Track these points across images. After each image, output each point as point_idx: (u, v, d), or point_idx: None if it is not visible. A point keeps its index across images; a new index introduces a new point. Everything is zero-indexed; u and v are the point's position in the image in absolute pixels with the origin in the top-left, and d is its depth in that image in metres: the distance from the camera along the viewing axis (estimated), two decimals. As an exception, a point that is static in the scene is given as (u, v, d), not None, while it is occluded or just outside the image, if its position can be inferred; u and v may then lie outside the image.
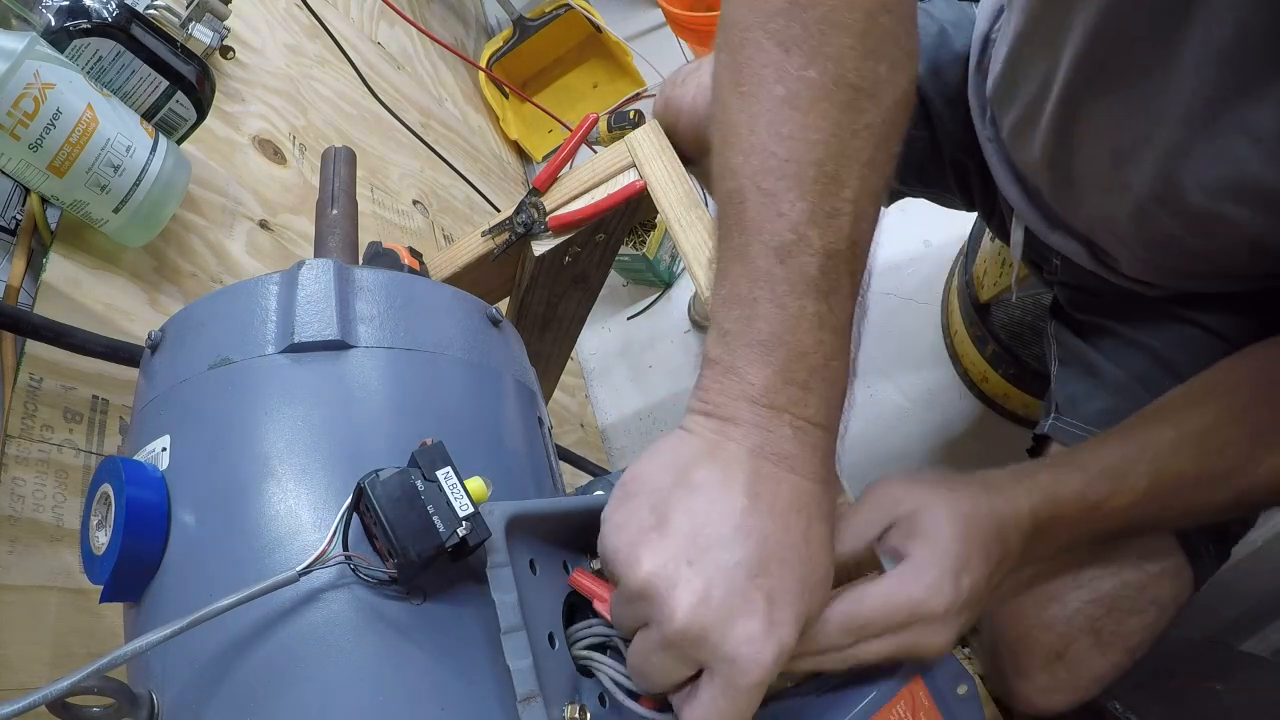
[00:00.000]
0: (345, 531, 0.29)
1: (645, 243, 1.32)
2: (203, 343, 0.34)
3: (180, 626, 0.26)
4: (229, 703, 0.27)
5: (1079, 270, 0.59)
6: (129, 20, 0.57)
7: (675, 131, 0.75)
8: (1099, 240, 0.54)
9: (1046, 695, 0.50)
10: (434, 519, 0.28)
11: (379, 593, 0.29)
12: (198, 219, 0.68)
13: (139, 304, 0.59)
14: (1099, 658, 0.49)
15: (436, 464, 0.29)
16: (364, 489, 0.28)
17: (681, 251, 0.61)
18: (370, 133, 1.05)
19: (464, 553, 0.29)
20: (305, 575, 0.27)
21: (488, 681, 0.29)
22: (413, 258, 0.52)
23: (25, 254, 0.52)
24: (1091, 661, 0.49)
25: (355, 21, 1.18)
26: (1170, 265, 0.51)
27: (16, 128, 0.48)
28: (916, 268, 1.22)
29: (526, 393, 0.42)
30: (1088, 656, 0.49)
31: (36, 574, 0.44)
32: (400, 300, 0.37)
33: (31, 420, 0.48)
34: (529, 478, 0.38)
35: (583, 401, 1.36)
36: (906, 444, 1.12)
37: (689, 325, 1.37)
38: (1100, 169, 0.47)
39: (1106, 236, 0.53)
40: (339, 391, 0.33)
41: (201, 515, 0.30)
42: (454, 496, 0.29)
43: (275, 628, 0.28)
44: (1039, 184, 0.55)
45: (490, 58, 1.62)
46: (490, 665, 0.30)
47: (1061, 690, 0.49)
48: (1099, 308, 0.60)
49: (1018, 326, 0.98)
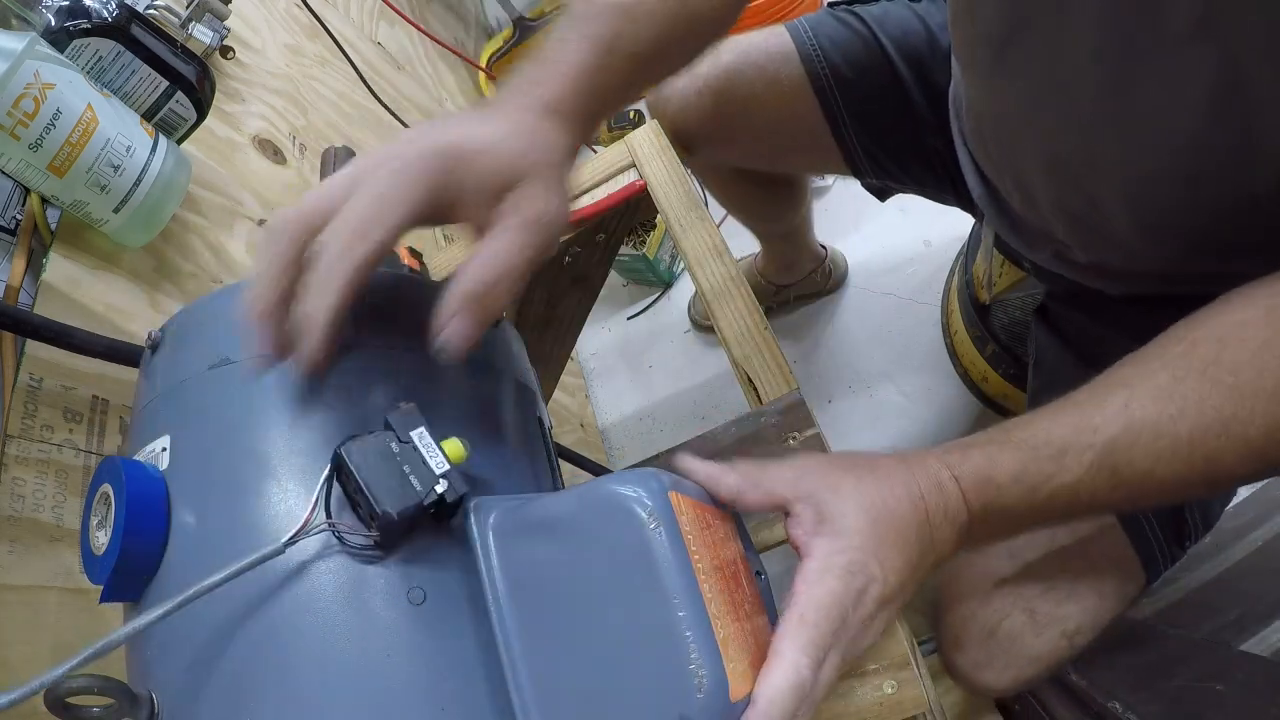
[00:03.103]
0: (327, 500, 0.29)
1: (645, 243, 1.32)
2: (203, 343, 0.34)
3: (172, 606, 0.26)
4: (225, 695, 0.27)
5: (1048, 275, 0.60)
6: (129, 20, 0.57)
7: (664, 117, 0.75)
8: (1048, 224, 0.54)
9: (980, 671, 0.50)
10: (410, 478, 0.29)
11: (364, 559, 0.29)
12: (198, 219, 0.68)
13: (139, 304, 0.59)
14: (1033, 637, 0.49)
15: (410, 425, 0.30)
16: (340, 454, 0.28)
17: (681, 251, 0.61)
18: (370, 133, 1.05)
19: (445, 512, 0.29)
20: (291, 545, 0.28)
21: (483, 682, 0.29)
22: (413, 258, 0.52)
23: (25, 254, 0.52)
24: (1025, 639, 0.49)
25: (355, 21, 1.18)
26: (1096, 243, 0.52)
27: (16, 128, 0.48)
28: (916, 268, 1.22)
29: (526, 393, 0.42)
30: (1021, 634, 0.49)
31: (36, 574, 0.44)
32: (400, 300, 0.37)
33: (31, 420, 0.48)
34: (529, 477, 0.38)
35: (583, 401, 1.36)
36: (906, 444, 1.12)
37: (689, 325, 1.37)
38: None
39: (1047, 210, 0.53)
40: (339, 391, 0.33)
41: (201, 515, 0.30)
42: (429, 455, 0.29)
43: (266, 607, 0.28)
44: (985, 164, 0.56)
45: (490, 58, 1.62)
46: (486, 665, 0.30)
47: (994, 666, 0.50)
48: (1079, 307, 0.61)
49: (1018, 326, 0.98)
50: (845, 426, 1.16)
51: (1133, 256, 0.50)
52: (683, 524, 0.30)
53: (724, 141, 0.75)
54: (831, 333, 1.25)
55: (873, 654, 0.42)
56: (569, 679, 0.29)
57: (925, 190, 0.74)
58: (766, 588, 0.37)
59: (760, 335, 0.55)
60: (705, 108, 0.72)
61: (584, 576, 0.30)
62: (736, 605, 0.31)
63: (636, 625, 0.28)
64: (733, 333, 0.56)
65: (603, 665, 0.29)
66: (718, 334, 0.57)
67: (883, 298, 1.23)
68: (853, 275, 1.27)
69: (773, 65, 0.69)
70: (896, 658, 0.42)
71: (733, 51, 0.71)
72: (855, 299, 1.26)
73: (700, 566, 0.29)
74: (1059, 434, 0.36)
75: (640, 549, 0.29)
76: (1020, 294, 0.96)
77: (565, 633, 0.30)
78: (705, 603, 0.28)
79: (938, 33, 0.65)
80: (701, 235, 0.61)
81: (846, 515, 0.33)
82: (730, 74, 0.70)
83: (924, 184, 0.72)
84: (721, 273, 0.59)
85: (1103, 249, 0.52)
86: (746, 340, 0.55)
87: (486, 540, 0.31)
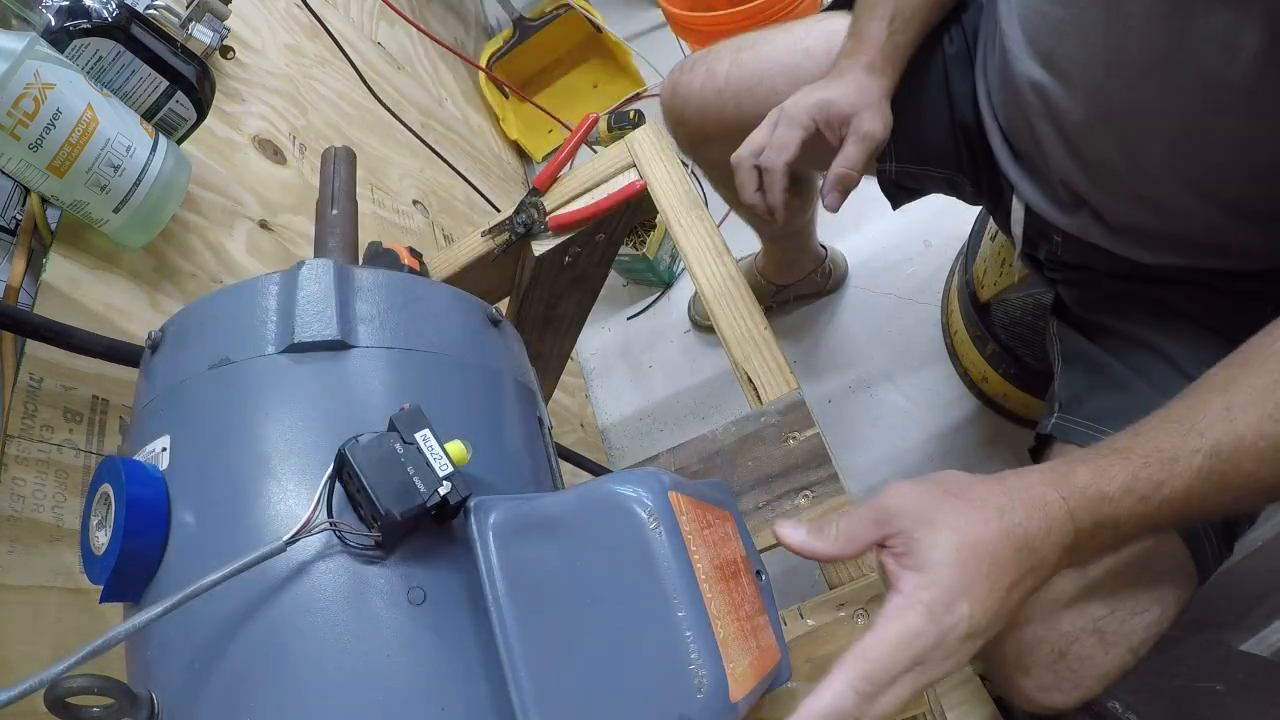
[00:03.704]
0: (329, 499, 0.29)
1: (645, 243, 1.32)
2: (203, 343, 0.34)
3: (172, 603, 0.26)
4: (225, 695, 0.27)
5: (1078, 247, 0.60)
6: (129, 20, 0.57)
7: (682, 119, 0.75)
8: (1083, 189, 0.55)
9: (1048, 693, 0.50)
10: (414, 479, 0.29)
11: (365, 560, 0.29)
12: (198, 219, 0.68)
13: (139, 304, 0.59)
14: (1103, 656, 0.49)
15: (414, 427, 0.30)
16: (344, 454, 0.28)
17: (681, 251, 0.61)
18: (370, 133, 1.05)
19: (447, 513, 0.29)
20: (292, 544, 0.28)
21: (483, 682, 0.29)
22: (413, 258, 0.52)
23: (25, 254, 0.52)
24: (1095, 660, 0.49)
25: (355, 21, 1.18)
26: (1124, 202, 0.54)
27: (16, 128, 0.48)
28: (916, 268, 1.22)
29: (526, 393, 0.42)
30: (1091, 655, 0.49)
31: (36, 574, 0.44)
32: (400, 300, 0.37)
33: (31, 420, 0.48)
34: (529, 477, 0.38)
35: (583, 401, 1.36)
36: (906, 444, 1.12)
37: (689, 325, 1.37)
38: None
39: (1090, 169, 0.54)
40: (339, 392, 0.33)
41: (201, 515, 0.30)
42: (433, 457, 0.29)
43: (266, 607, 0.28)
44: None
45: (490, 58, 1.62)
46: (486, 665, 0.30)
47: (1063, 688, 0.49)
48: (1099, 302, 0.61)
49: (1018, 326, 0.98)
50: (845, 426, 1.16)
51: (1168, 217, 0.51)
52: (683, 524, 0.30)
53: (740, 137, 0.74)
54: (831, 333, 1.25)
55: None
56: (569, 679, 0.29)
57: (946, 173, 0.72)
58: (767, 588, 0.37)
59: (760, 335, 0.55)
60: (726, 108, 0.72)
61: (584, 576, 0.30)
62: (736, 605, 0.31)
63: (636, 625, 0.28)
64: (733, 333, 0.56)
65: (603, 665, 0.29)
66: (718, 334, 0.57)
67: (883, 298, 1.23)
68: (853, 275, 1.27)
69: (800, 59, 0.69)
70: (896, 658, 0.41)
71: (754, 48, 0.71)
72: (855, 299, 1.26)
73: (700, 566, 0.29)
74: (1166, 442, 0.37)
75: (640, 549, 0.29)
76: (1020, 294, 0.96)
77: (565, 633, 0.30)
78: (705, 603, 0.29)
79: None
80: (701, 235, 0.61)
81: (937, 548, 0.34)
82: (753, 72, 0.70)
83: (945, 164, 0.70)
84: (721, 273, 0.59)
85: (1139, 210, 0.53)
86: (746, 340, 0.55)
87: (487, 540, 0.31)
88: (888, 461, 1.12)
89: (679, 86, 0.74)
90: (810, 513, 0.47)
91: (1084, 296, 0.63)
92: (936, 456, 1.10)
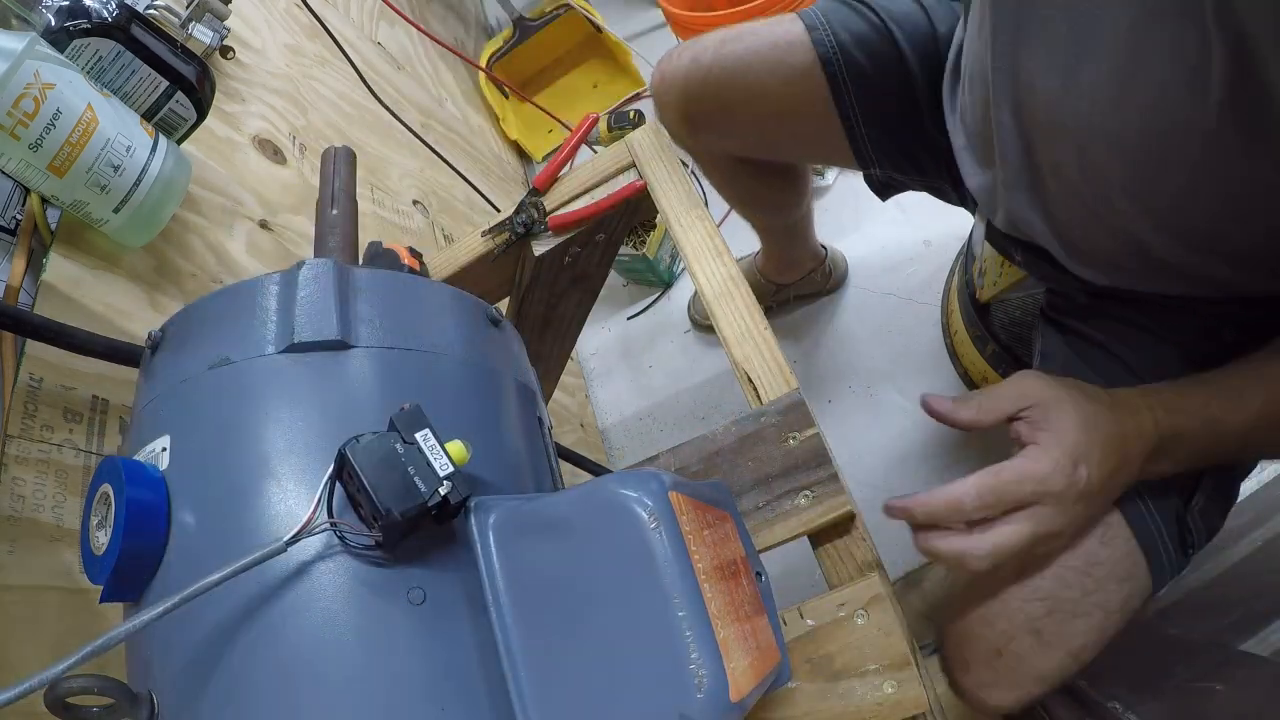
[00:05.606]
0: (330, 499, 0.29)
1: (645, 243, 1.32)
2: (203, 343, 0.34)
3: (172, 603, 0.26)
4: (225, 694, 0.27)
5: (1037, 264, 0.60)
6: (129, 20, 0.57)
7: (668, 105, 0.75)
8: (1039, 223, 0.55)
9: (985, 690, 0.50)
10: (415, 479, 0.29)
11: (365, 560, 0.29)
12: (198, 219, 0.68)
13: (139, 304, 0.59)
14: (1039, 657, 0.49)
15: (415, 426, 0.30)
16: (345, 454, 0.28)
17: (681, 251, 0.61)
18: (370, 133, 1.05)
19: (447, 513, 0.29)
20: (293, 544, 0.28)
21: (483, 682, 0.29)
22: (413, 258, 0.52)
23: (25, 254, 0.52)
24: (1032, 660, 0.49)
25: (355, 21, 1.18)
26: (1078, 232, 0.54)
27: (16, 128, 0.48)
28: (916, 268, 1.22)
29: (526, 393, 0.42)
30: (1028, 655, 0.49)
31: (36, 574, 0.44)
32: (400, 300, 0.37)
33: (31, 420, 0.48)
34: (529, 477, 0.38)
35: (583, 401, 1.36)
36: (906, 444, 1.12)
37: (689, 325, 1.37)
38: None
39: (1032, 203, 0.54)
40: (339, 392, 0.33)
41: (201, 515, 0.30)
42: (433, 457, 0.29)
43: (266, 607, 0.28)
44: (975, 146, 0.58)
45: (490, 58, 1.62)
46: (486, 665, 0.30)
47: (1000, 686, 0.49)
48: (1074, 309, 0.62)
49: (1018, 326, 0.98)
50: (845, 426, 1.16)
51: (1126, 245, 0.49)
52: (683, 524, 0.30)
53: (727, 127, 0.74)
54: (831, 333, 1.25)
55: (873, 654, 0.42)
56: (569, 679, 0.29)
57: (927, 180, 0.73)
58: (767, 588, 0.37)
59: (760, 335, 0.55)
60: (709, 94, 0.72)
61: (584, 577, 0.30)
62: (736, 605, 0.31)
63: (636, 625, 0.28)
64: (733, 333, 0.56)
65: (603, 665, 0.29)
66: (718, 334, 0.57)
67: (883, 298, 1.23)
68: (853, 275, 1.27)
69: (782, 54, 0.69)
70: (896, 658, 0.42)
71: (739, 40, 0.71)
72: (855, 299, 1.26)
73: (700, 566, 0.29)
74: (1235, 381, 0.46)
75: (640, 549, 0.29)
76: (1020, 294, 0.96)
77: (565, 633, 0.30)
78: (705, 603, 0.29)
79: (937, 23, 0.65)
80: (701, 235, 0.61)
81: (1067, 418, 0.43)
82: (737, 63, 0.70)
83: (925, 174, 0.71)
84: (721, 273, 0.59)
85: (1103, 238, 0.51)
86: (746, 340, 0.55)
87: (487, 540, 0.31)
88: (888, 461, 1.12)
89: (666, 74, 0.75)
90: (811, 513, 0.47)
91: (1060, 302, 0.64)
92: (936, 456, 1.10)
